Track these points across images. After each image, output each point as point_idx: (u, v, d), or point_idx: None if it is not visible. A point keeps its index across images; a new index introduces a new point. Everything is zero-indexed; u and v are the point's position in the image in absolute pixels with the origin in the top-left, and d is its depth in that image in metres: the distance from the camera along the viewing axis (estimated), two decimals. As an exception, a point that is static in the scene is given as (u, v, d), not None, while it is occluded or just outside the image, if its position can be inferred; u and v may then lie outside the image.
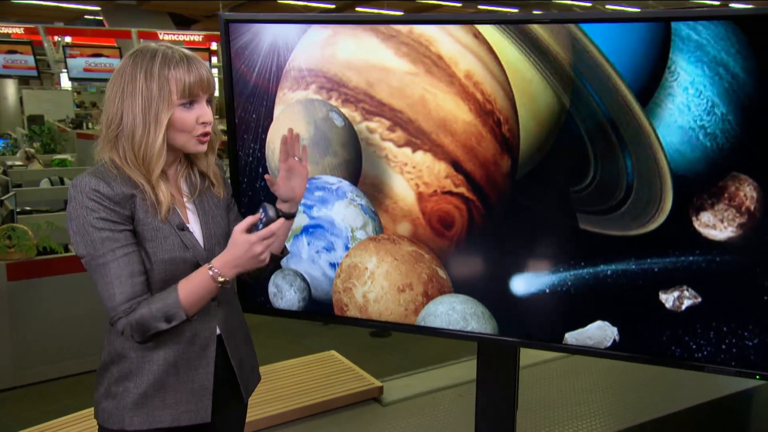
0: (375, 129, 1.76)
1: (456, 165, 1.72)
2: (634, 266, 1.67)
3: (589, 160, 1.65)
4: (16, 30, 13.13)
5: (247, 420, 2.87)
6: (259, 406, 3.00)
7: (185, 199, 1.51)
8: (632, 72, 1.57)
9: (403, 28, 1.70)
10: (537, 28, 1.61)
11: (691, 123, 1.55)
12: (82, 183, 1.38)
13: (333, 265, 1.87)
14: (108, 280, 1.37)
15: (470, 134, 1.69)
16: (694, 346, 1.67)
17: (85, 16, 18.50)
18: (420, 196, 1.76)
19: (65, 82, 16.80)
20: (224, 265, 1.38)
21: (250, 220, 1.37)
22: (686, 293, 1.65)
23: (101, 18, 17.04)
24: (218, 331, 1.53)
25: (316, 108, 1.80)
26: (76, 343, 4.17)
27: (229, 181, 1.67)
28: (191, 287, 1.39)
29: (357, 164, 1.79)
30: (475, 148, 1.70)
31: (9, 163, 8.52)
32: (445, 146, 1.71)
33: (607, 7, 15.23)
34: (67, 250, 4.71)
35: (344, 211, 1.83)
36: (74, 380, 4.16)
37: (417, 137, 1.73)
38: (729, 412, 3.42)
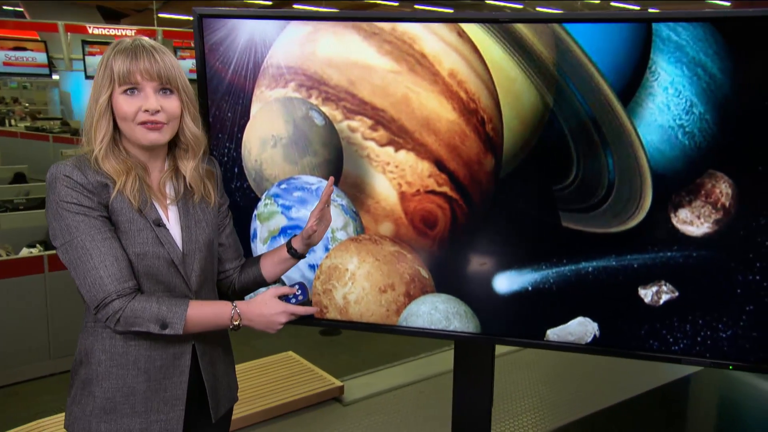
0: (357, 128, 1.71)
1: (439, 164, 1.69)
2: (614, 262, 1.68)
3: (572, 159, 1.65)
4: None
5: (208, 426, 2.81)
6: (220, 412, 2.90)
7: (168, 201, 1.45)
8: (614, 72, 1.59)
9: (386, 26, 1.65)
10: (521, 28, 1.61)
11: (671, 122, 1.58)
12: (56, 170, 1.34)
13: (312, 267, 1.81)
14: (91, 265, 1.31)
15: (454, 133, 1.67)
16: (671, 340, 1.70)
17: (3, 7, 17.50)
18: (402, 196, 1.73)
19: (-17, 77, 15.89)
20: (246, 313, 1.40)
21: (285, 290, 1.48)
22: (664, 288, 1.68)
23: (21, 9, 16.16)
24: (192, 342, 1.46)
25: (296, 106, 1.73)
26: (9, 352, 3.92)
27: (225, 193, 1.63)
28: (204, 312, 1.39)
29: (338, 164, 1.74)
30: (459, 147, 1.68)
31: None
32: (429, 145, 1.69)
33: (612, 4, 15.59)
34: (-1, 254, 4.45)
35: (324, 211, 1.77)
36: (4, 392, 3.91)
37: (400, 136, 1.69)
38: (671, 398, 3.56)
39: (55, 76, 13.23)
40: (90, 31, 11.54)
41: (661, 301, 1.69)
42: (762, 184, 1.56)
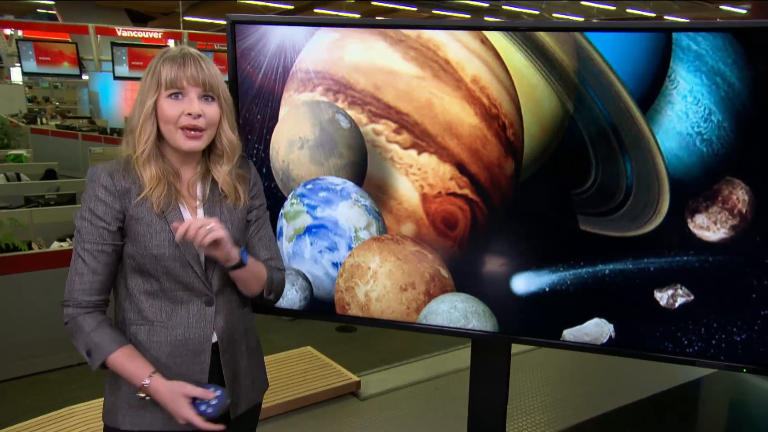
0: (381, 131, 1.72)
1: (461, 167, 1.70)
2: (631, 266, 1.68)
3: (591, 164, 1.65)
4: (-36, 23, 12.53)
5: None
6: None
7: (197, 203, 1.47)
8: (634, 80, 1.59)
9: (412, 33, 1.67)
10: (543, 36, 1.61)
11: (689, 129, 1.58)
12: (92, 172, 1.40)
13: (336, 265, 1.83)
14: (74, 268, 1.39)
15: (475, 137, 1.68)
16: (685, 342, 1.70)
17: (38, 10, 17.74)
18: (424, 197, 1.74)
19: (16, 77, 16.14)
20: (154, 393, 1.36)
21: (200, 392, 1.35)
22: (680, 291, 1.68)
23: (54, 12, 16.37)
24: (214, 339, 1.47)
25: (323, 110, 1.75)
26: (40, 340, 3.98)
27: (262, 195, 1.60)
28: (124, 366, 1.37)
29: (362, 166, 1.76)
30: (480, 151, 1.68)
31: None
32: (451, 149, 1.70)
33: (628, 11, 15.48)
34: (30, 247, 4.51)
35: (348, 211, 1.79)
36: (33, 380, 3.97)
37: (423, 140, 1.71)
38: (682, 399, 3.53)
39: (84, 77, 13.39)
40: (119, 33, 11.69)
41: (677, 304, 1.68)
42: (779, 191, 1.56)
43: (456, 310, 1.79)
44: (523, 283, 1.75)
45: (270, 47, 1.74)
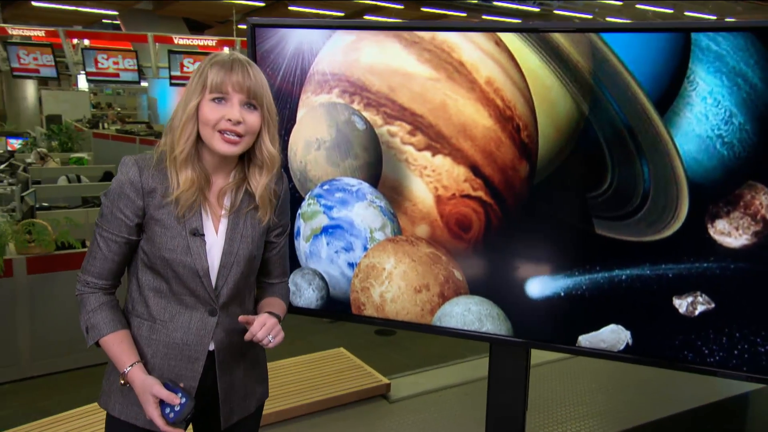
0: (396, 133, 1.73)
1: (475, 169, 1.69)
2: (648, 271, 1.64)
3: (607, 167, 1.62)
4: (37, 32, 13.14)
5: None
6: (266, 402, 2.96)
7: (223, 212, 1.45)
8: (651, 81, 1.55)
9: (426, 35, 1.67)
10: (558, 37, 1.59)
11: (709, 132, 1.53)
12: (123, 160, 1.42)
13: (351, 265, 1.84)
14: (91, 250, 1.44)
15: (490, 139, 1.67)
16: (706, 351, 1.64)
17: (103, 20, 18.48)
18: (438, 199, 1.74)
19: (82, 84, 16.82)
20: (132, 382, 1.38)
21: (167, 396, 1.35)
22: (700, 299, 1.62)
23: (118, 22, 17.03)
24: (211, 347, 1.46)
25: (339, 111, 1.77)
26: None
27: (288, 212, 1.59)
28: (112, 350, 1.41)
29: (377, 167, 1.77)
30: (494, 153, 1.67)
31: (28, 160, 8.50)
32: (465, 151, 1.69)
33: (637, 6, 15.08)
34: (84, 245, 4.70)
35: (364, 212, 1.80)
36: (87, 372, 4.14)
37: (437, 141, 1.70)
38: (727, 414, 3.39)
39: (144, 83, 13.87)
40: (176, 41, 12.07)
41: (697, 312, 1.63)
42: (804, 196, 1.49)
43: (470, 313, 1.78)
44: (538, 287, 1.72)
45: (288, 50, 1.77)
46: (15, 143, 10.51)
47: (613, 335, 1.70)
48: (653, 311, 1.66)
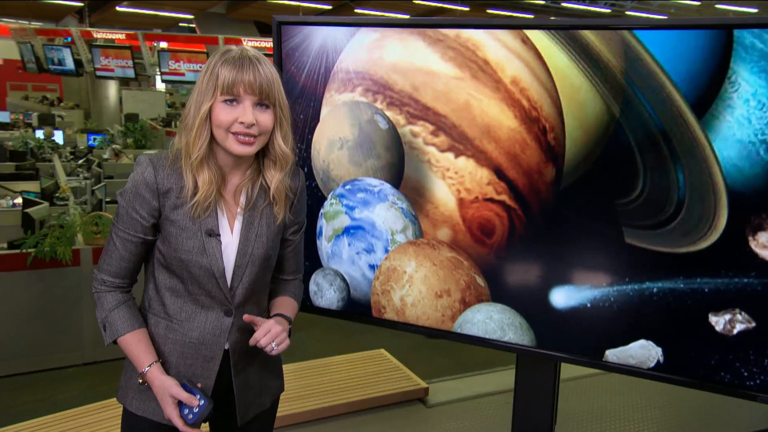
0: (418, 133, 1.67)
1: (499, 172, 1.61)
2: (682, 285, 1.52)
3: (638, 173, 1.51)
4: (118, 36, 13.77)
5: (290, 412, 2.87)
6: (303, 400, 2.96)
7: (239, 209, 1.43)
8: (688, 82, 1.43)
9: (450, 32, 1.60)
10: (588, 35, 1.49)
11: (752, 137, 1.40)
12: (141, 161, 1.40)
13: (372, 267, 1.80)
14: (107, 249, 1.43)
15: (514, 141, 1.59)
16: (745, 374, 1.50)
17: (180, 24, 19.18)
18: (461, 202, 1.67)
19: (160, 84, 17.48)
20: (150, 382, 1.38)
21: (185, 397, 1.35)
22: (739, 317, 1.49)
23: (194, 26, 17.63)
24: (226, 347, 1.45)
25: (362, 110, 1.73)
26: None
27: (304, 209, 1.55)
28: (130, 349, 1.41)
29: (399, 168, 1.71)
30: (519, 156, 1.59)
31: (104, 156, 8.88)
32: (488, 153, 1.61)
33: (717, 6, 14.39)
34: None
35: (385, 213, 1.75)
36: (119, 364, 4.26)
37: (460, 143, 1.64)
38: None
39: (215, 84, 14.24)
40: (244, 43, 12.37)
41: (735, 331, 1.50)
42: None
43: (492, 321, 1.70)
44: (563, 297, 1.63)
45: (313, 48, 1.75)
46: (94, 140, 11.01)
47: (643, 351, 1.59)
48: (687, 328, 1.53)
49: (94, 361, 4.35)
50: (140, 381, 1.39)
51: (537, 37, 1.53)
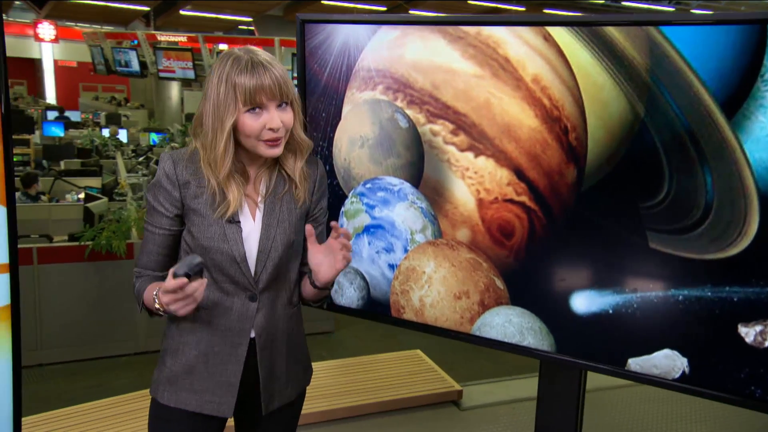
0: (438, 132, 1.64)
1: (519, 172, 1.57)
2: (710, 293, 1.44)
3: (664, 175, 1.44)
4: (180, 38, 14.19)
5: (322, 409, 2.88)
6: (336, 397, 2.97)
7: (259, 198, 1.45)
8: (718, 80, 1.35)
9: (472, 30, 1.57)
10: (612, 31, 1.43)
11: (785, 138, 1.31)
12: (162, 157, 1.45)
13: (392, 267, 1.78)
14: (142, 243, 1.48)
15: (535, 141, 1.54)
16: (776, 389, 1.41)
17: (239, 27, 19.62)
18: (480, 203, 1.63)
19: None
20: (161, 296, 1.34)
21: (172, 283, 1.27)
22: (770, 329, 1.40)
23: (252, 28, 18.00)
24: (252, 334, 1.46)
25: (382, 108, 1.71)
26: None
27: (326, 195, 1.56)
28: (147, 293, 1.42)
29: (419, 167, 1.69)
30: (540, 156, 1.54)
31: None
32: (509, 152, 1.57)
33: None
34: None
35: (405, 213, 1.73)
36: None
37: (480, 142, 1.60)
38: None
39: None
40: (299, 45, 12.56)
41: (767, 343, 1.41)
42: None
43: (511, 325, 1.66)
44: (584, 302, 1.57)
45: (335, 45, 1.74)
46: (156, 138, 11.38)
47: (668, 361, 1.51)
48: (714, 338, 1.45)
49: (146, 351, 4.48)
50: (157, 307, 1.36)
51: (559, 34, 1.48)
